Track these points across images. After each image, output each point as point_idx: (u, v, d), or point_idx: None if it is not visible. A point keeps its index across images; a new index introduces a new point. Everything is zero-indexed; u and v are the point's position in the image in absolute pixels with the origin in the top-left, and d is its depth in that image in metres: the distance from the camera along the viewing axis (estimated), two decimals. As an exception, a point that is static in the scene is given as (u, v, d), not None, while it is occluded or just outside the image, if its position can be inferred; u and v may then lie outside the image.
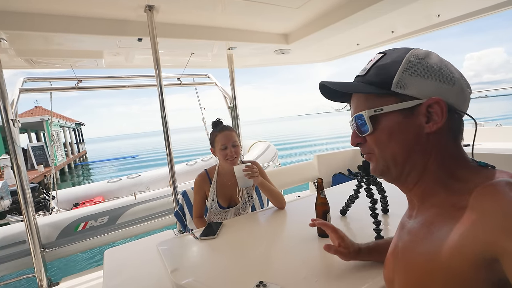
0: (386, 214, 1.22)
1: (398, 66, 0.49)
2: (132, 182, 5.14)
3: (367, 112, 0.52)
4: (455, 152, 0.50)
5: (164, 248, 1.14)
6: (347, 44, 3.06)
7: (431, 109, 0.48)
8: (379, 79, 0.51)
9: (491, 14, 2.30)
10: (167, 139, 1.95)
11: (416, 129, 0.49)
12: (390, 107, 0.50)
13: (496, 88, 3.91)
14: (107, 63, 2.75)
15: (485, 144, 2.40)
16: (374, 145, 0.53)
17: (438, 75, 0.48)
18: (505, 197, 0.37)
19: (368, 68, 0.53)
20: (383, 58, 0.53)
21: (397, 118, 0.50)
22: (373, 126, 0.52)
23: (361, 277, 0.79)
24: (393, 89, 0.49)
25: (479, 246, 0.38)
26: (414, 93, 0.48)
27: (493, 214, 0.38)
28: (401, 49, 0.52)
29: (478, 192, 0.41)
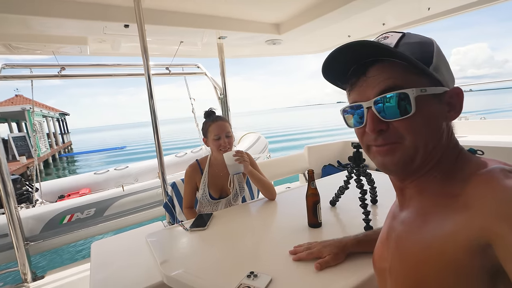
0: (375, 204, 1.24)
1: (432, 48, 0.47)
2: (120, 174, 5.05)
3: (414, 90, 0.44)
4: (456, 142, 0.50)
5: (153, 239, 1.12)
6: (339, 35, 3.05)
7: (452, 99, 0.47)
8: (417, 56, 0.44)
9: (479, 9, 2.33)
10: (156, 130, 1.91)
11: (442, 116, 0.47)
12: (432, 89, 0.45)
13: (480, 83, 4.03)
14: (91, 50, 2.64)
15: (470, 136, 2.48)
16: (408, 131, 0.46)
17: (449, 66, 0.49)
18: (500, 184, 0.38)
19: (395, 43, 0.47)
20: (405, 37, 0.48)
21: (433, 103, 0.46)
22: (416, 108, 0.44)
23: (350, 266, 0.80)
24: (431, 70, 0.45)
25: (474, 232, 0.38)
26: (443, 79, 0.46)
27: (488, 201, 0.38)
28: (420, 35, 0.49)
29: (473, 180, 0.42)
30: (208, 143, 1.51)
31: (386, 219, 0.61)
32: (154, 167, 5.22)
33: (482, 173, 0.41)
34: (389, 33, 0.49)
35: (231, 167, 1.38)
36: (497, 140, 2.00)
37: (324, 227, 1.08)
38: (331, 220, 1.14)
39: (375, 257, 0.62)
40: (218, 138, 1.45)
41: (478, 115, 3.66)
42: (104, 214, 3.18)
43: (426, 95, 0.45)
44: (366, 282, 0.73)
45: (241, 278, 0.77)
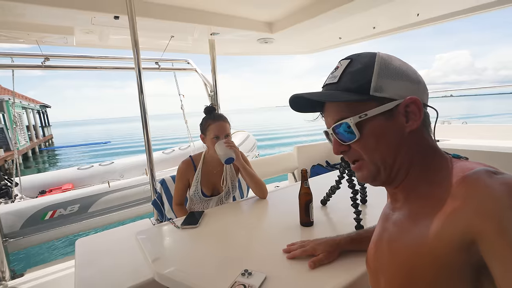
0: (365, 204, 1.26)
1: (372, 70, 0.50)
2: (105, 169, 4.91)
3: (352, 119, 0.51)
4: (432, 146, 0.53)
5: (143, 237, 1.10)
6: (330, 37, 3.08)
7: (409, 109, 0.50)
8: (356, 85, 0.51)
9: (465, 17, 2.42)
10: (145, 126, 1.86)
11: (398, 129, 0.51)
12: (373, 111, 0.50)
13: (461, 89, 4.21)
14: (78, 41, 2.55)
15: (452, 140, 2.58)
16: (363, 151, 0.53)
17: (406, 76, 0.52)
18: (484, 184, 0.40)
19: (339, 75, 0.53)
20: (350, 64, 0.53)
21: (380, 121, 0.50)
22: (360, 132, 0.51)
23: (343, 264, 0.82)
24: (371, 94, 0.50)
25: (459, 230, 0.40)
26: (391, 95, 0.50)
27: (473, 200, 0.40)
28: (366, 54, 0.53)
29: (459, 181, 0.44)
30: (205, 141, 1.48)
31: (379, 220, 0.63)
32: (140, 164, 5.11)
33: (467, 174, 0.44)
34: (341, 61, 0.55)
35: (223, 156, 1.36)
36: (479, 144, 2.09)
37: (316, 226, 1.09)
38: (322, 219, 1.16)
39: (368, 257, 0.64)
40: (217, 138, 1.42)
41: (460, 120, 3.81)
42: (88, 210, 3.09)
43: (369, 118, 0.50)
44: (358, 280, 0.75)
45: (236, 276, 0.77)
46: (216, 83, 2.97)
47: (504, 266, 0.35)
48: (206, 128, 1.45)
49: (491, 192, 0.39)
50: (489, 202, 0.38)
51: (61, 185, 4.48)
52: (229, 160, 1.37)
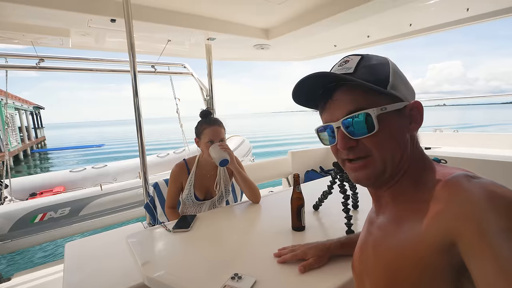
0: (356, 209, 1.27)
1: (388, 68, 0.51)
2: (98, 172, 4.86)
3: (375, 110, 0.49)
4: (422, 151, 0.54)
5: (133, 240, 1.09)
6: (325, 44, 3.13)
7: (412, 112, 0.52)
8: (374, 78, 0.50)
9: (456, 28, 2.48)
10: (139, 129, 1.86)
11: (405, 129, 0.52)
12: (392, 106, 0.50)
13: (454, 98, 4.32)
14: (74, 43, 2.55)
15: (444, 148, 2.62)
16: (375, 146, 0.50)
17: (407, 82, 0.54)
18: (463, 188, 0.42)
19: (355, 67, 0.51)
20: (364, 59, 0.52)
21: (395, 118, 0.50)
22: (378, 126, 0.49)
23: (332, 269, 0.82)
24: (389, 89, 0.50)
25: (440, 232, 0.41)
26: (401, 95, 0.51)
27: (453, 203, 0.41)
28: (377, 55, 0.54)
29: (441, 185, 0.45)
30: (199, 144, 1.48)
31: (364, 224, 0.64)
32: (134, 167, 5.07)
33: (448, 179, 0.45)
34: (350, 56, 0.54)
35: (217, 159, 1.36)
36: (468, 152, 2.13)
37: (307, 230, 1.10)
38: (314, 224, 1.17)
39: (354, 261, 0.65)
40: (211, 143, 1.41)
41: (451, 128, 3.89)
42: (79, 213, 3.05)
43: (387, 112, 0.49)
44: (347, 284, 0.75)
45: (225, 280, 0.77)
46: (212, 87, 2.99)
47: (482, 266, 0.36)
48: (201, 132, 1.45)
49: (469, 195, 0.40)
50: (468, 205, 0.39)
51: (53, 187, 4.41)
52: (223, 162, 1.37)
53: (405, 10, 2.15)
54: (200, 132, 1.46)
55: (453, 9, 2.16)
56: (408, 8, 2.09)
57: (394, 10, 2.05)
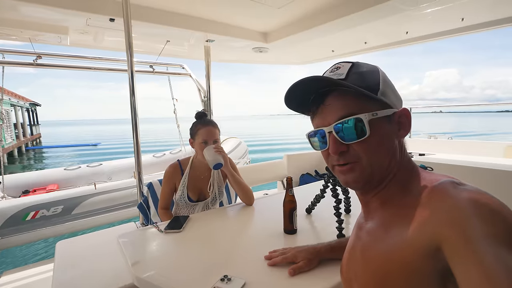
0: (348, 214, 1.28)
1: (378, 76, 0.53)
2: (92, 171, 4.83)
3: (367, 115, 0.50)
4: (409, 158, 0.56)
5: (125, 240, 1.09)
6: (323, 49, 3.16)
7: (401, 119, 0.53)
8: (365, 85, 0.51)
9: (452, 37, 2.52)
10: (135, 128, 1.86)
11: (394, 135, 0.53)
12: (382, 112, 0.51)
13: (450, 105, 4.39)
14: (72, 41, 2.54)
15: (438, 154, 2.65)
16: (364, 151, 0.51)
17: (395, 90, 0.56)
18: (449, 194, 0.43)
19: (346, 73, 0.52)
20: (354, 66, 0.53)
21: (385, 124, 0.51)
22: (369, 131, 0.50)
23: (322, 272, 0.83)
24: (379, 96, 0.51)
25: (427, 238, 0.42)
26: (390, 102, 0.52)
27: (439, 209, 0.42)
28: (367, 63, 0.55)
29: (427, 191, 0.47)
30: (193, 145, 1.49)
31: (353, 229, 0.65)
32: (129, 166, 5.05)
33: (434, 185, 0.46)
34: (341, 63, 0.55)
35: (212, 162, 1.36)
36: (462, 159, 2.16)
37: (299, 233, 1.10)
38: (306, 227, 1.17)
39: (342, 266, 0.65)
40: (205, 143, 1.42)
41: (446, 135, 3.94)
42: (72, 212, 3.02)
43: (378, 118, 0.50)
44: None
45: (215, 281, 0.77)
46: (210, 89, 2.99)
47: (467, 271, 0.37)
48: (195, 132, 1.46)
49: (455, 202, 0.41)
50: (453, 211, 0.40)
51: (46, 185, 4.37)
52: (217, 165, 1.37)
53: (402, 18, 2.18)
54: (194, 132, 1.46)
55: (449, 18, 2.19)
56: (405, 16, 2.12)
57: (391, 18, 2.08)
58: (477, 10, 2.06)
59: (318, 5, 2.05)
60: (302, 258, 0.83)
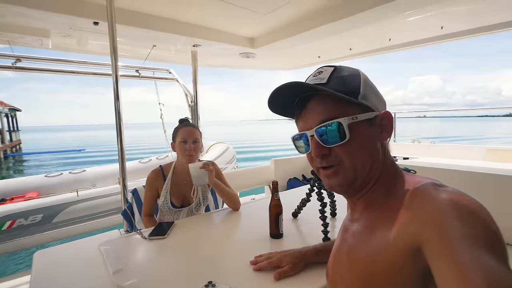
0: (334, 217, 1.29)
1: (359, 79, 0.53)
2: (75, 178, 4.66)
3: (346, 119, 0.50)
4: (393, 161, 0.56)
5: (107, 248, 1.05)
6: (310, 55, 3.21)
7: (383, 122, 0.54)
8: (346, 89, 0.51)
9: (432, 44, 2.62)
10: (120, 133, 1.82)
11: (375, 138, 0.53)
12: (362, 116, 0.51)
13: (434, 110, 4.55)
14: (54, 44, 2.48)
15: (421, 158, 2.72)
16: (346, 155, 0.52)
17: (378, 93, 0.56)
18: (431, 196, 0.44)
19: (328, 77, 0.53)
20: (336, 71, 0.54)
21: (365, 127, 0.52)
22: (349, 135, 0.50)
23: (307, 276, 0.82)
24: (359, 100, 0.51)
25: (409, 239, 0.43)
26: (372, 105, 0.53)
27: (421, 211, 0.43)
28: (349, 67, 0.56)
29: (410, 193, 0.47)
30: (175, 148, 1.49)
31: (339, 232, 0.65)
32: (114, 172, 4.91)
33: (416, 187, 0.47)
34: (324, 67, 0.56)
35: (196, 179, 1.34)
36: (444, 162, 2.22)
37: (285, 238, 1.10)
38: (292, 231, 1.17)
39: (328, 269, 0.65)
40: (185, 142, 1.43)
41: (429, 140, 4.06)
42: (53, 221, 2.90)
43: (358, 121, 0.51)
44: (321, 291, 0.75)
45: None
46: (197, 94, 2.98)
47: (444, 269, 0.37)
48: (175, 134, 1.49)
49: (436, 203, 0.42)
50: (433, 212, 0.41)
51: (25, 193, 4.18)
52: (201, 184, 1.37)
53: (385, 26, 2.25)
54: (175, 133, 1.49)
55: (429, 26, 2.28)
56: (388, 24, 2.19)
57: (375, 25, 2.14)
58: (455, 19, 2.16)
59: (304, 11, 2.09)
60: (288, 262, 0.83)
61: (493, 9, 1.97)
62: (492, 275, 0.33)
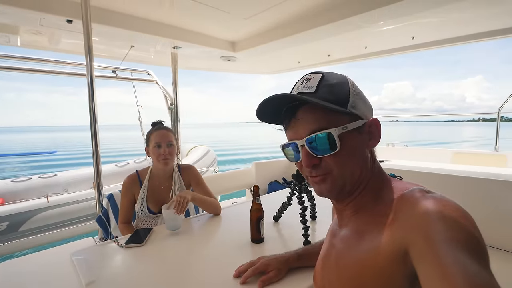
0: (314, 220, 1.32)
1: (348, 87, 0.53)
2: (45, 183, 4.39)
3: (337, 130, 0.50)
4: (380, 167, 0.58)
5: (79, 258, 1.00)
6: (290, 60, 3.27)
7: (371, 129, 0.54)
8: (335, 97, 0.51)
9: (404, 53, 2.76)
10: (95, 135, 1.75)
11: (364, 146, 0.54)
12: (352, 125, 0.51)
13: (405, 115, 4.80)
14: (23, 42, 2.34)
15: (395, 161, 2.86)
16: (336, 164, 0.52)
17: (365, 99, 0.56)
18: (418, 202, 0.45)
19: (316, 86, 0.53)
20: (324, 78, 0.54)
21: (355, 136, 0.52)
22: (340, 145, 0.51)
23: (290, 281, 0.83)
24: (349, 109, 0.51)
25: (397, 243, 0.44)
26: (361, 113, 0.53)
27: (408, 216, 0.45)
28: (336, 74, 0.56)
29: (398, 199, 0.49)
30: (149, 153, 1.46)
31: (326, 236, 0.66)
32: (88, 177, 4.68)
33: (404, 193, 0.49)
34: (311, 74, 0.55)
35: (171, 225, 1.22)
36: (415, 165, 2.35)
37: (266, 242, 1.10)
38: (273, 235, 1.18)
39: (316, 273, 0.66)
40: (159, 147, 1.40)
41: (402, 143, 4.27)
42: (19, 229, 2.71)
43: (348, 131, 0.51)
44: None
45: (178, 297, 0.74)
46: (177, 96, 2.93)
47: (428, 271, 0.39)
48: (148, 138, 1.45)
49: (423, 208, 0.44)
50: (420, 217, 0.43)
51: (-12, 199, 3.89)
52: (174, 229, 1.24)
53: (361, 34, 2.34)
54: (148, 138, 1.46)
55: (401, 36, 2.40)
56: (364, 33, 2.29)
57: (352, 33, 2.23)
58: (425, 30, 2.29)
59: (285, 17, 2.13)
60: (273, 268, 0.82)
61: (459, 23, 2.11)
62: (473, 278, 0.35)
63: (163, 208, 1.22)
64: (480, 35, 2.26)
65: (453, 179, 1.72)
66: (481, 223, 0.43)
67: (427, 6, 1.72)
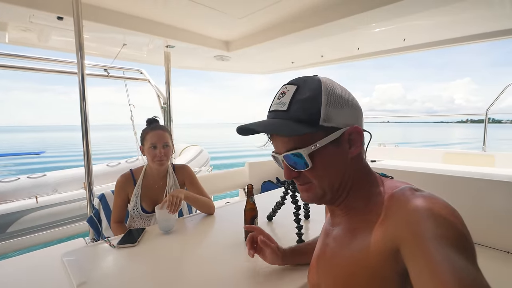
0: (307, 219, 1.32)
1: (320, 99, 0.51)
2: (34, 183, 4.28)
3: (305, 150, 0.51)
4: (366, 166, 0.59)
5: (70, 259, 0.98)
6: (283, 61, 3.28)
7: (351, 137, 0.54)
8: (306, 115, 0.51)
9: (396, 55, 2.80)
10: (86, 135, 1.72)
11: (343, 155, 0.54)
12: (323, 141, 0.51)
13: (396, 116, 4.88)
14: (11, 38, 2.29)
15: (386, 161, 2.90)
16: (313, 177, 0.54)
17: (347, 103, 0.54)
18: (408, 200, 0.46)
19: (289, 103, 0.52)
20: (298, 91, 0.53)
21: (329, 150, 0.52)
22: (312, 162, 0.52)
23: (285, 281, 0.83)
24: (321, 124, 0.51)
25: (388, 240, 0.45)
26: (337, 124, 0.52)
27: (399, 214, 0.46)
28: (312, 79, 0.54)
29: (388, 198, 0.50)
30: (144, 151, 1.44)
31: (320, 236, 0.67)
32: (79, 177, 4.60)
33: (394, 192, 0.50)
34: (287, 87, 0.55)
35: (164, 225, 1.21)
36: (406, 165, 2.39)
37: (260, 241, 1.10)
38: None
39: (310, 271, 0.66)
40: (154, 148, 1.38)
41: (393, 143, 4.34)
42: (7, 230, 2.65)
43: (321, 147, 0.52)
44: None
45: (171, 297, 0.73)
46: (170, 95, 2.91)
47: (418, 267, 0.40)
48: (144, 137, 1.43)
49: (413, 206, 0.45)
50: (410, 215, 0.44)
51: (-26, 200, 3.78)
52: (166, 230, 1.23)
53: (354, 36, 2.37)
54: (143, 137, 1.43)
55: (392, 38, 2.44)
56: (356, 34, 2.31)
57: (344, 34, 2.25)
58: (416, 33, 2.33)
59: (278, 18, 2.14)
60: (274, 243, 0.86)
61: (449, 26, 2.16)
62: (462, 274, 0.36)
63: (156, 208, 1.21)
64: (469, 37, 2.31)
65: (443, 178, 1.76)
66: (469, 220, 0.44)
67: (418, 9, 1.75)
